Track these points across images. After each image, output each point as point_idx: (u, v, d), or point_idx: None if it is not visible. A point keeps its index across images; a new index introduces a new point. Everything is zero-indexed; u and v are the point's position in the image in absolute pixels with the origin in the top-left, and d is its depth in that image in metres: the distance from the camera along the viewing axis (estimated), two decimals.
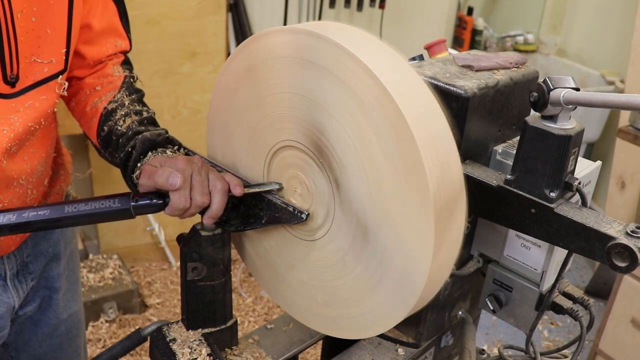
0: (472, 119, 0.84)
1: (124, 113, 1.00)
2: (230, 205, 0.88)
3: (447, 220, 0.70)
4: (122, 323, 2.52)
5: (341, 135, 0.74)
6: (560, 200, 0.79)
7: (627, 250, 0.70)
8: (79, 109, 1.07)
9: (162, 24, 2.48)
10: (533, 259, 0.90)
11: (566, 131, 0.77)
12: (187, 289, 0.92)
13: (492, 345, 2.52)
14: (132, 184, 0.95)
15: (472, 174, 0.84)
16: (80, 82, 1.08)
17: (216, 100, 0.92)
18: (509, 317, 0.97)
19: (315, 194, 0.83)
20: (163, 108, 2.65)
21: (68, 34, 0.93)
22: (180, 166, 0.85)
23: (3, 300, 1.07)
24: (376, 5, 2.93)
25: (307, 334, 1.05)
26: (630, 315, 2.02)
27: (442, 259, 0.72)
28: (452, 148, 0.70)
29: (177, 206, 0.84)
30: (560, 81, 0.76)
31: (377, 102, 0.68)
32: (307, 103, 0.77)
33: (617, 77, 3.08)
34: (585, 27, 3.37)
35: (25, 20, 0.86)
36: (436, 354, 1.08)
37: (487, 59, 0.92)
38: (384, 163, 0.70)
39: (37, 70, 0.91)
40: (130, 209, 0.84)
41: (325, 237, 0.83)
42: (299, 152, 0.82)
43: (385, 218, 0.73)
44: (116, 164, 0.99)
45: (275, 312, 2.67)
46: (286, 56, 0.77)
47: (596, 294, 2.79)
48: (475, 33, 3.49)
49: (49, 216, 0.81)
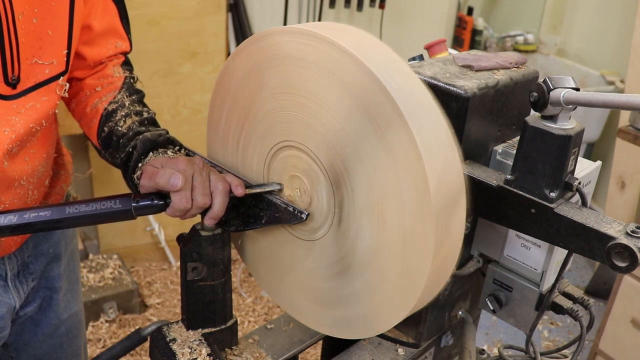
0: (472, 119, 0.84)
1: (124, 114, 1.00)
2: (230, 205, 0.88)
3: (447, 221, 0.70)
4: (122, 323, 2.52)
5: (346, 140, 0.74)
6: (560, 200, 0.79)
7: (627, 250, 0.70)
8: (79, 109, 1.07)
9: (162, 24, 2.48)
10: (533, 259, 0.90)
11: (566, 131, 0.77)
12: (187, 289, 0.92)
13: (492, 345, 2.52)
14: (133, 185, 0.95)
15: (472, 174, 0.84)
16: (81, 83, 1.08)
17: (216, 100, 0.92)
18: (509, 317, 0.97)
19: (316, 195, 0.83)
20: (163, 108, 2.65)
21: (69, 35, 0.93)
22: (182, 167, 0.85)
23: (4, 300, 1.07)
24: (376, 5, 2.93)
25: (307, 334, 1.05)
26: (630, 315, 2.02)
27: (443, 260, 0.72)
28: (453, 152, 0.70)
29: (178, 207, 0.84)
30: (560, 81, 0.76)
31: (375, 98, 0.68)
32: (312, 105, 0.77)
33: (617, 77, 3.08)
34: (586, 27, 3.37)
35: (26, 22, 0.86)
36: (436, 354, 1.08)
37: (487, 59, 0.92)
38: (387, 166, 0.70)
39: (38, 71, 0.91)
40: (131, 209, 0.84)
41: (325, 237, 0.83)
42: (301, 154, 0.82)
43: (385, 219, 0.73)
44: (117, 164, 0.99)
45: (275, 312, 2.67)
46: (287, 57, 0.77)
47: (596, 294, 2.79)
48: (475, 33, 3.49)
49: (50, 217, 0.81)
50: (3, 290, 1.07)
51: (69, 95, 1.03)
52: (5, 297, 1.07)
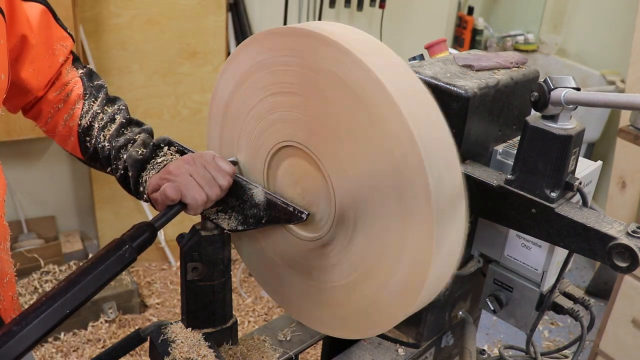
0: (472, 118, 0.84)
1: (100, 126, 0.97)
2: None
3: (447, 222, 0.69)
4: (122, 323, 2.52)
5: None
6: (560, 200, 0.79)
7: (628, 251, 0.69)
8: (49, 129, 1.04)
9: (162, 23, 2.48)
10: (533, 259, 0.90)
11: (567, 131, 0.76)
12: (187, 289, 0.91)
13: (493, 346, 2.52)
14: (137, 193, 0.95)
15: (472, 174, 0.84)
16: (40, 102, 1.02)
17: (216, 100, 0.92)
18: (509, 317, 0.96)
19: (316, 196, 0.82)
20: (163, 108, 2.65)
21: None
22: (173, 173, 0.86)
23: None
24: (376, 5, 2.93)
25: (307, 334, 1.04)
26: (630, 316, 2.02)
27: (443, 260, 0.72)
28: (452, 152, 0.70)
29: (194, 205, 0.86)
30: (560, 81, 0.76)
31: (375, 96, 0.68)
32: (313, 104, 0.77)
33: (617, 77, 3.08)
34: (586, 27, 3.37)
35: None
36: (436, 354, 1.08)
37: (488, 59, 0.92)
38: (387, 167, 0.70)
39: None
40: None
41: (325, 237, 0.82)
42: (301, 154, 0.82)
43: (386, 220, 0.73)
44: (108, 173, 0.99)
45: (275, 312, 2.67)
46: (287, 56, 0.77)
47: (597, 294, 2.79)
48: (476, 33, 3.49)
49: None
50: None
51: (31, 116, 1.01)
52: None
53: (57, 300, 0.70)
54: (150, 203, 0.91)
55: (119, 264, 0.77)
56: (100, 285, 0.75)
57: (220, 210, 0.92)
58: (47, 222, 2.77)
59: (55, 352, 2.35)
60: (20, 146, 2.56)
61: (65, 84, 1.02)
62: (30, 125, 2.22)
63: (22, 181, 2.67)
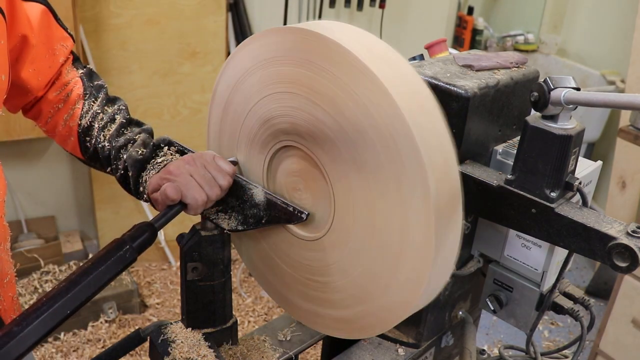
0: (472, 118, 0.84)
1: (100, 126, 0.97)
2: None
3: (446, 221, 0.69)
4: (122, 323, 2.52)
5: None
6: (560, 200, 0.79)
7: (628, 251, 0.69)
8: (49, 129, 1.04)
9: (162, 23, 2.48)
10: (533, 259, 0.90)
11: (567, 131, 0.76)
12: (187, 289, 0.91)
13: (493, 346, 2.52)
14: (137, 193, 0.95)
15: (472, 174, 0.84)
16: (40, 102, 1.02)
17: (216, 100, 0.92)
18: (509, 317, 0.96)
19: (316, 196, 0.82)
20: (163, 108, 2.65)
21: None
22: (174, 173, 0.86)
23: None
24: (376, 5, 2.93)
25: (307, 334, 1.04)
26: (630, 316, 2.02)
27: (443, 259, 0.72)
28: (451, 152, 0.70)
29: (195, 205, 0.86)
30: (560, 81, 0.76)
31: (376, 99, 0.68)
32: (308, 100, 0.77)
33: (617, 77, 3.08)
34: (586, 27, 3.37)
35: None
36: (436, 354, 1.08)
37: (488, 59, 0.92)
38: (387, 168, 0.70)
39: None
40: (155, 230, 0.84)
41: (325, 237, 0.82)
42: (303, 154, 0.82)
43: (385, 221, 0.73)
44: (107, 173, 0.99)
45: (275, 312, 2.67)
46: (286, 56, 0.77)
47: (597, 294, 2.79)
48: (476, 33, 3.49)
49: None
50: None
51: (31, 116, 1.01)
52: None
53: (58, 300, 0.70)
54: (151, 203, 0.91)
55: (119, 264, 0.77)
56: (101, 285, 0.75)
57: (220, 210, 0.92)
58: (47, 222, 2.77)
59: (55, 352, 2.35)
60: (20, 146, 2.56)
61: (65, 84, 1.02)
62: (30, 125, 2.23)
63: (22, 181, 2.67)
